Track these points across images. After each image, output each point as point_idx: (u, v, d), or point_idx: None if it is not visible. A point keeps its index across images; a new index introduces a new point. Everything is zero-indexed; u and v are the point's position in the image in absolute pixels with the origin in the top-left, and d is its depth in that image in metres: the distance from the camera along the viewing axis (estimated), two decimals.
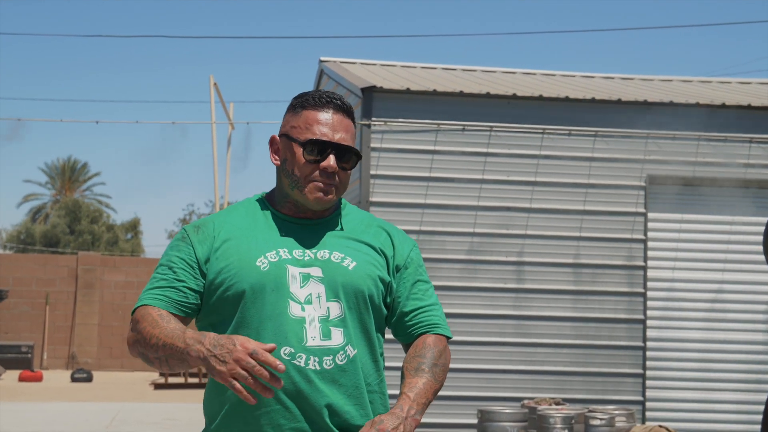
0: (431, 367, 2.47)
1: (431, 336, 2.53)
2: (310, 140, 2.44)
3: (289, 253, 2.44)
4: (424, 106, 9.80)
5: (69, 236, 36.33)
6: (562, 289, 9.77)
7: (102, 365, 21.53)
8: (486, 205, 9.74)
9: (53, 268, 21.82)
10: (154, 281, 2.46)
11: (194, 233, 2.49)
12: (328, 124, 2.45)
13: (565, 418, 7.87)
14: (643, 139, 9.95)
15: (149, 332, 2.34)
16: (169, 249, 2.50)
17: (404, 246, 2.57)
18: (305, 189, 2.45)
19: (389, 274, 2.52)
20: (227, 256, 2.44)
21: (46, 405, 14.33)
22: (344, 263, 2.45)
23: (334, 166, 2.44)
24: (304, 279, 2.42)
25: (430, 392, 2.44)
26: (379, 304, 2.49)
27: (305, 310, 2.40)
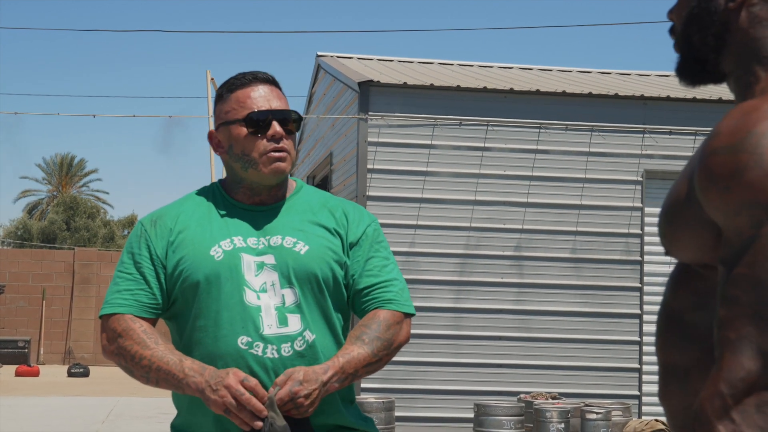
0: (372, 339, 2.37)
1: (383, 310, 2.43)
2: (248, 115, 2.44)
3: (243, 240, 2.43)
4: (421, 101, 9.80)
5: (66, 232, 36.31)
6: (558, 283, 9.77)
7: (98, 360, 21.51)
8: (483, 200, 9.74)
9: (50, 263, 21.80)
10: (122, 281, 2.46)
11: (151, 227, 2.49)
12: (261, 96, 2.46)
13: (562, 412, 7.88)
14: (640, 134, 9.96)
15: (138, 352, 2.36)
16: (130, 245, 2.50)
17: (359, 223, 2.51)
18: (259, 164, 2.44)
19: (345, 254, 2.47)
20: (183, 247, 2.44)
21: (43, 400, 14.32)
22: (296, 248, 2.42)
23: (280, 131, 2.43)
24: (259, 267, 2.41)
25: (362, 364, 2.35)
26: (337, 286, 2.44)
27: (261, 299, 2.38)
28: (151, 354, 2.34)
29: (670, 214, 1.44)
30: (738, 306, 1.25)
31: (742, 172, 1.27)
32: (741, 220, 1.27)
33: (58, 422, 11.75)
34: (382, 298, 2.45)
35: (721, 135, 1.30)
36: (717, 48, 1.47)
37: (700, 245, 1.38)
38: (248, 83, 2.48)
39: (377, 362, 2.38)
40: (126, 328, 2.40)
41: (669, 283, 1.47)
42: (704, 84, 1.52)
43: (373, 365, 2.38)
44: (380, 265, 2.48)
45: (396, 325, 2.43)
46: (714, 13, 1.46)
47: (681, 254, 1.44)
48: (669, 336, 1.44)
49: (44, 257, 22.10)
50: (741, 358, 1.23)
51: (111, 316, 2.43)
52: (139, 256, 2.47)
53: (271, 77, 2.52)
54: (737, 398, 1.23)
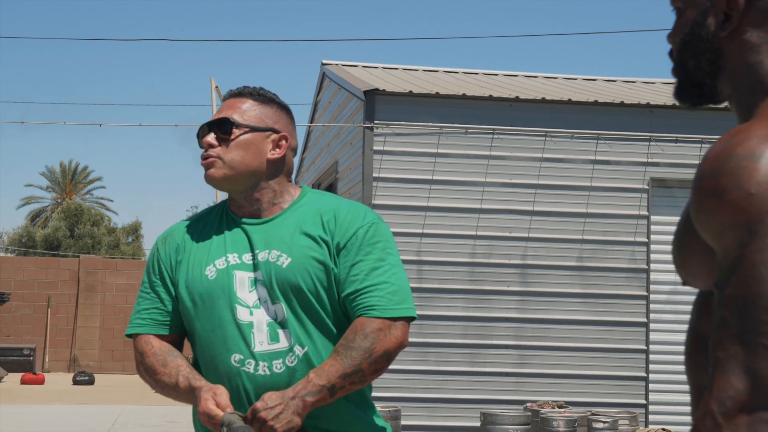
0: (345, 349, 2.32)
1: (362, 318, 2.36)
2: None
3: (239, 257, 2.44)
4: (426, 109, 9.79)
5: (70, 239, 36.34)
6: (565, 291, 9.75)
7: (103, 368, 21.52)
8: (488, 208, 9.73)
9: (55, 271, 21.81)
10: (141, 300, 2.56)
11: (162, 245, 2.56)
12: (219, 110, 2.55)
13: (568, 421, 7.87)
14: (646, 142, 9.94)
15: (159, 372, 2.46)
16: (148, 263, 2.59)
17: (349, 226, 2.44)
18: None
19: (332, 260, 2.42)
20: (183, 267, 2.49)
21: (48, 407, 14.32)
22: (279, 261, 2.41)
23: (208, 140, 2.48)
24: (253, 283, 2.41)
25: (336, 375, 2.29)
26: (328, 294, 2.40)
27: (254, 315, 2.39)
28: (169, 372, 2.45)
29: (679, 244, 1.46)
30: (726, 326, 1.27)
31: (722, 194, 1.29)
32: (726, 242, 1.29)
33: (63, 430, 11.75)
34: (363, 305, 2.38)
35: (708, 160, 1.33)
36: (712, 73, 1.49)
37: (708, 271, 1.39)
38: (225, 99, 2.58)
39: (357, 373, 2.32)
40: (142, 351, 2.50)
41: (694, 308, 1.49)
42: (704, 105, 1.54)
43: (355, 376, 2.32)
44: (367, 269, 2.40)
45: (378, 332, 2.34)
46: (705, 41, 1.47)
47: (695, 282, 1.46)
48: (699, 359, 1.45)
49: (49, 265, 22.12)
50: (729, 377, 1.25)
51: (133, 337, 2.54)
52: (153, 274, 2.53)
53: (250, 89, 2.56)
54: (727, 416, 1.24)
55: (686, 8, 1.51)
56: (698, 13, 1.49)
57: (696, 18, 1.49)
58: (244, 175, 2.47)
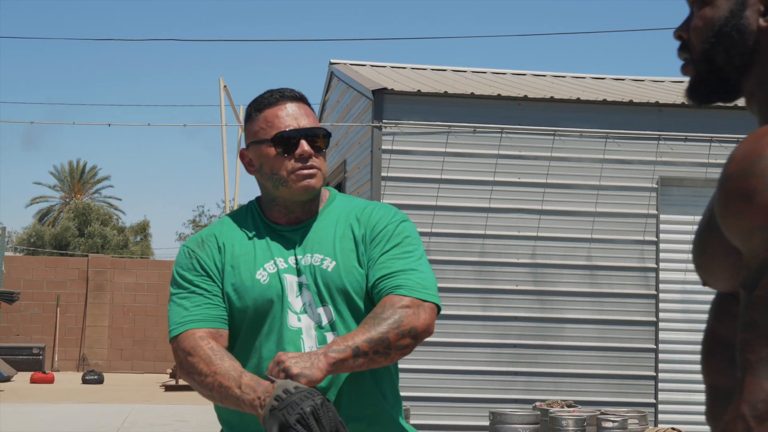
0: (373, 319, 2.29)
1: (390, 295, 2.34)
2: (277, 134, 2.44)
3: (285, 262, 2.44)
4: (434, 108, 9.79)
5: (79, 239, 36.40)
6: (573, 291, 9.75)
7: (112, 367, 21.56)
8: (497, 207, 9.73)
9: (64, 270, 21.86)
10: (185, 301, 2.44)
11: (200, 249, 2.49)
12: (289, 114, 2.46)
13: (578, 420, 7.86)
14: (655, 141, 9.93)
15: (203, 370, 2.33)
16: (180, 269, 2.49)
17: (379, 222, 2.46)
18: (289, 183, 2.44)
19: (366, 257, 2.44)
20: (231, 271, 2.44)
21: (57, 406, 14.35)
22: (323, 264, 2.42)
23: (309, 150, 2.43)
24: (299, 288, 2.41)
25: (360, 338, 2.25)
26: (368, 296, 2.42)
27: (301, 321, 2.39)
28: (214, 371, 2.30)
29: (700, 244, 1.44)
30: (756, 328, 1.26)
31: (752, 195, 1.27)
32: (755, 243, 1.28)
33: (72, 429, 11.78)
34: (392, 285, 2.36)
35: (734, 161, 1.31)
36: (741, 68, 1.45)
37: (731, 273, 1.38)
38: (275, 102, 2.48)
39: (382, 341, 2.27)
40: (194, 345, 2.37)
41: (712, 309, 1.47)
42: (716, 102, 1.51)
43: (380, 344, 2.26)
44: (395, 256, 2.41)
45: (406, 308, 2.31)
46: (745, 32, 1.44)
47: (716, 284, 1.44)
48: (716, 361, 1.44)
49: (58, 264, 22.17)
50: (761, 380, 1.24)
51: (178, 336, 2.40)
52: (194, 274, 2.46)
53: (298, 94, 2.52)
54: (760, 420, 1.23)
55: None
56: (735, 3, 1.45)
57: (732, 9, 1.45)
58: (322, 184, 2.51)
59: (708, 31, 1.47)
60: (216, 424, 2.56)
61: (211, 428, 12.17)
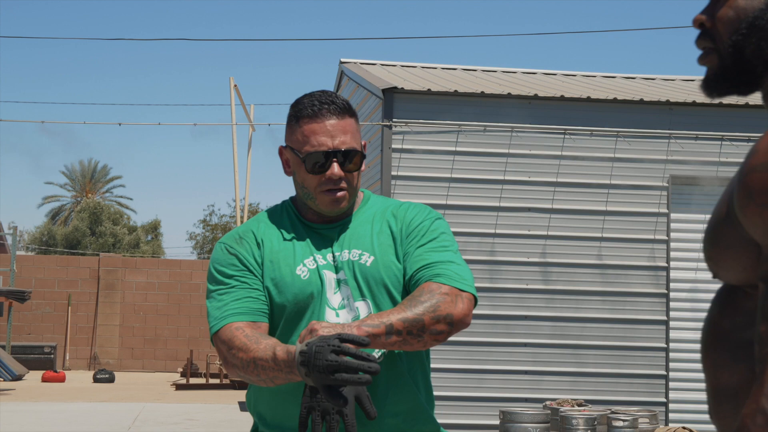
0: (410, 301, 2.30)
1: (429, 282, 2.35)
2: (309, 153, 2.43)
3: (323, 258, 2.46)
4: (445, 107, 9.79)
5: (90, 238, 36.51)
6: (584, 290, 9.74)
7: (123, 366, 21.62)
8: (507, 206, 9.72)
9: (75, 269, 21.93)
10: (225, 296, 2.43)
11: (238, 245, 2.49)
12: (326, 131, 2.43)
13: (588, 419, 7.85)
14: (666, 140, 9.91)
15: (243, 358, 2.32)
16: (219, 265, 2.48)
17: (413, 218, 2.48)
18: (317, 200, 2.45)
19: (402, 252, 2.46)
20: (270, 266, 2.45)
21: (69, 405, 14.40)
22: (362, 260, 2.44)
23: (338, 173, 2.42)
24: (337, 284, 2.44)
25: (395, 316, 2.25)
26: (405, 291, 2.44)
27: (339, 316, 2.41)
28: (253, 356, 2.30)
29: (713, 236, 1.42)
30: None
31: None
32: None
33: (83, 428, 11.81)
34: (430, 273, 2.37)
35: (759, 153, 1.30)
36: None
37: (744, 266, 1.37)
38: (315, 114, 2.45)
39: (417, 322, 2.26)
40: (230, 338, 2.36)
41: (716, 302, 1.46)
42: (731, 95, 1.49)
43: (414, 324, 2.26)
44: (432, 249, 2.43)
45: (444, 295, 2.31)
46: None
47: (728, 276, 1.42)
48: (718, 355, 1.43)
49: (69, 263, 22.24)
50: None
51: (218, 332, 2.40)
52: (233, 269, 2.46)
53: (341, 105, 2.48)
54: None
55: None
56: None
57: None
58: (355, 196, 2.51)
59: (740, 21, 1.44)
60: (226, 423, 2.57)
61: (221, 427, 12.20)
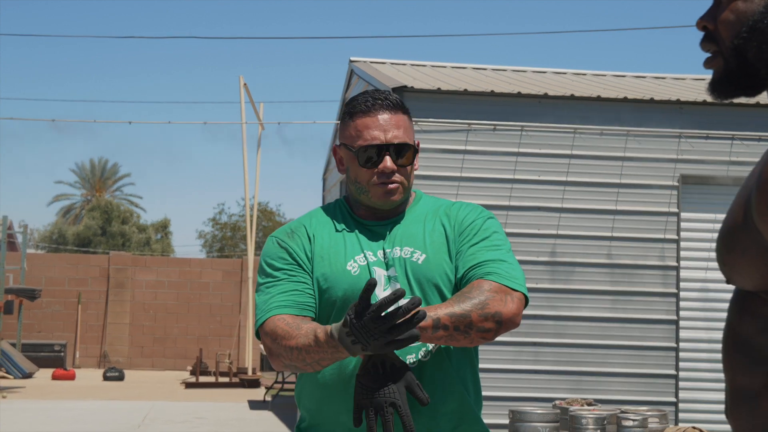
0: (458, 296, 2.32)
1: (479, 279, 2.37)
2: (362, 147, 2.46)
3: (374, 255, 2.47)
4: (454, 106, 9.78)
5: (101, 237, 36.59)
6: (593, 289, 9.72)
7: (133, 364, 21.68)
8: (517, 205, 9.71)
9: (85, 267, 21.99)
10: (273, 288, 2.46)
11: (290, 239, 2.51)
12: (379, 126, 2.46)
13: (598, 418, 7.84)
14: (676, 139, 9.89)
15: (287, 345, 2.34)
16: (269, 259, 2.51)
17: (466, 217, 2.51)
18: (371, 194, 2.47)
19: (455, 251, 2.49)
20: (321, 261, 2.47)
21: (79, 403, 14.44)
22: (414, 257, 2.45)
23: (391, 166, 2.44)
24: (387, 281, 2.44)
25: (443, 310, 2.26)
26: (456, 290, 2.45)
27: None
28: (296, 343, 2.32)
29: (728, 242, 1.41)
30: None
31: None
32: None
33: (93, 426, 11.85)
34: (481, 272, 2.39)
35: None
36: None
37: (762, 273, 1.35)
38: (368, 110, 2.47)
39: (464, 318, 2.27)
40: (272, 329, 2.38)
41: (733, 306, 1.45)
42: (739, 97, 1.49)
43: (461, 320, 2.26)
44: (485, 248, 2.45)
45: (494, 293, 2.33)
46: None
47: (743, 281, 1.41)
48: (737, 359, 1.42)
49: (79, 262, 22.31)
50: None
51: (263, 325, 2.42)
52: (283, 263, 2.48)
53: (394, 101, 2.50)
54: None
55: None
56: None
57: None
58: (408, 192, 2.53)
59: (741, 25, 1.44)
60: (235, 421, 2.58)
61: (231, 426, 12.22)
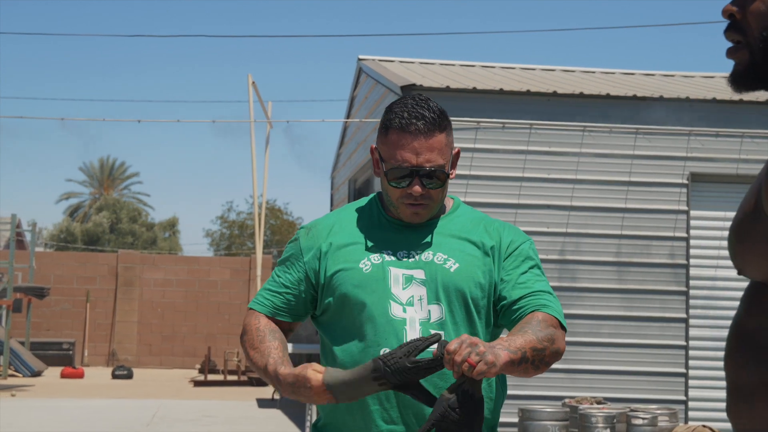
0: (535, 330, 2.32)
1: (539, 312, 2.39)
2: (393, 168, 2.43)
3: (393, 254, 2.46)
4: (463, 104, 9.77)
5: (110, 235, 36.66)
6: (603, 287, 9.70)
7: (141, 362, 21.70)
8: (526, 203, 9.70)
9: (93, 266, 22.02)
10: (270, 282, 2.60)
11: (305, 236, 2.55)
12: (412, 147, 2.41)
13: (607, 417, 7.82)
14: (686, 136, 9.86)
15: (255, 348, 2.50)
16: (287, 251, 2.60)
17: (513, 240, 2.51)
18: (399, 209, 2.47)
19: (497, 272, 2.47)
20: (334, 258, 2.48)
21: (88, 401, 14.46)
22: (446, 265, 2.44)
23: (419, 190, 2.42)
24: (407, 281, 2.43)
25: (529, 345, 2.26)
26: (485, 305, 2.45)
27: (407, 312, 2.40)
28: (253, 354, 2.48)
29: (740, 232, 1.41)
30: None
31: None
32: None
33: (102, 424, 11.86)
34: (535, 303, 2.41)
35: None
36: None
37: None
38: (405, 126, 2.42)
39: (540, 352, 2.30)
40: (247, 324, 2.54)
41: (743, 301, 1.44)
42: (758, 90, 1.47)
43: (537, 354, 2.29)
44: (533, 279, 2.47)
45: (552, 328, 2.37)
46: None
47: (754, 272, 1.40)
48: (739, 355, 1.41)
49: (88, 260, 22.35)
50: None
51: (249, 309, 2.57)
52: (289, 261, 2.55)
53: (430, 118, 2.44)
54: None
55: None
56: None
57: None
58: (439, 206, 2.52)
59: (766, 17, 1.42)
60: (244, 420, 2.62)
61: (239, 424, 12.23)
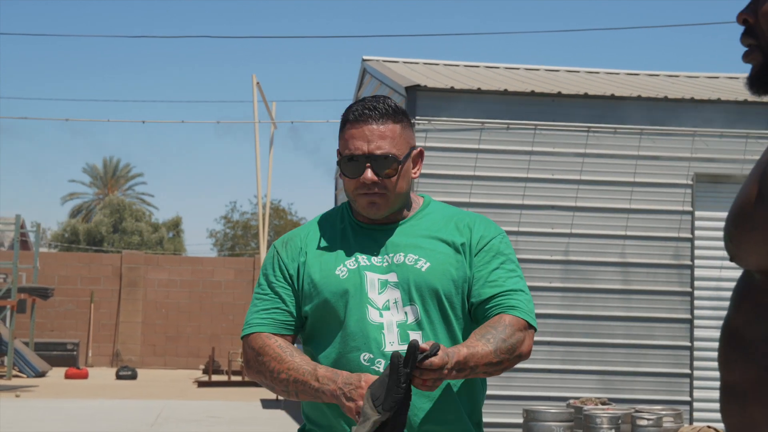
0: (497, 340, 2.36)
1: (508, 315, 2.42)
2: (344, 157, 2.47)
3: (368, 259, 2.47)
4: (468, 105, 9.77)
5: (114, 235, 36.68)
6: (607, 288, 9.69)
7: (145, 363, 21.72)
8: (531, 204, 9.69)
9: (98, 266, 22.05)
10: (259, 302, 2.54)
11: (283, 249, 2.56)
12: (363, 136, 2.44)
13: (612, 418, 7.81)
14: (690, 137, 9.86)
15: (276, 368, 2.42)
16: (265, 268, 2.58)
17: (484, 235, 2.52)
18: (357, 203, 2.49)
19: (468, 268, 2.48)
20: (311, 268, 2.49)
21: (92, 402, 14.47)
22: (417, 265, 2.45)
23: (371, 178, 2.43)
24: (383, 285, 2.45)
25: (482, 361, 2.32)
26: (459, 301, 2.46)
27: (383, 316, 2.42)
28: (288, 367, 2.40)
29: (738, 217, 1.40)
30: None
31: None
32: None
33: (106, 425, 11.87)
34: (505, 304, 2.44)
35: None
36: None
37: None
38: (356, 119, 2.46)
39: (497, 364, 2.37)
40: (262, 345, 2.46)
41: (732, 298, 1.44)
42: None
43: (493, 366, 2.36)
44: (505, 276, 2.49)
45: (520, 332, 2.41)
46: None
47: (748, 259, 1.40)
48: (730, 353, 1.41)
49: (92, 261, 22.37)
50: None
51: (249, 336, 2.50)
52: (273, 276, 2.54)
53: (384, 109, 2.47)
54: None
55: None
56: None
57: None
58: (399, 201, 2.51)
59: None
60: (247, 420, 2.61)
61: (243, 424, 12.23)
